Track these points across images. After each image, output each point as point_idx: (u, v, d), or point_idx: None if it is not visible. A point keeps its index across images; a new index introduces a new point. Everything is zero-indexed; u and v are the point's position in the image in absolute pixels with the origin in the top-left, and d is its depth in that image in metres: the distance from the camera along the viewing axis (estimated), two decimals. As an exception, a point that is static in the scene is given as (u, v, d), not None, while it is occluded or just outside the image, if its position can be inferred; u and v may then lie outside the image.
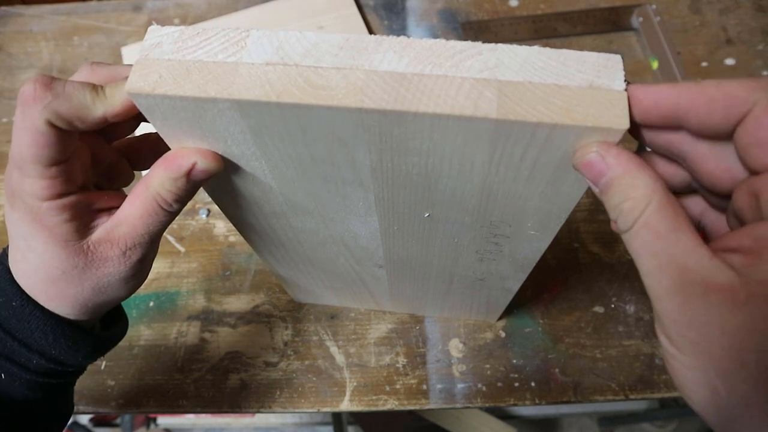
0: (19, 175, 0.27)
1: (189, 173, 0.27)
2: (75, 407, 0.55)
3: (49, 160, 0.26)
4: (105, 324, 0.37)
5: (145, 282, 0.60)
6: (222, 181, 0.32)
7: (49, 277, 0.29)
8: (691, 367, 0.22)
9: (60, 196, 0.28)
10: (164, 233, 0.62)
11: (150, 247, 0.30)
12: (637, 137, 0.25)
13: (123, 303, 0.61)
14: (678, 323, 0.22)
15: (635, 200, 0.22)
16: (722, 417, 0.22)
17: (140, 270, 0.31)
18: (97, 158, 0.31)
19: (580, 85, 0.23)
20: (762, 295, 0.20)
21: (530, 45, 0.24)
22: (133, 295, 0.58)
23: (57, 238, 0.28)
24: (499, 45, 0.24)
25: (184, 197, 0.28)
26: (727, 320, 0.20)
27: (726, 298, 0.20)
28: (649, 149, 0.26)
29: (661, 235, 0.21)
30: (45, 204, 0.27)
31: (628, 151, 0.23)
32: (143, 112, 0.25)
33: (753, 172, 0.23)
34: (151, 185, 0.28)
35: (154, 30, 0.25)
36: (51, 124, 0.26)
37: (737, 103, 0.22)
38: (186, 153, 0.27)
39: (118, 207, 0.30)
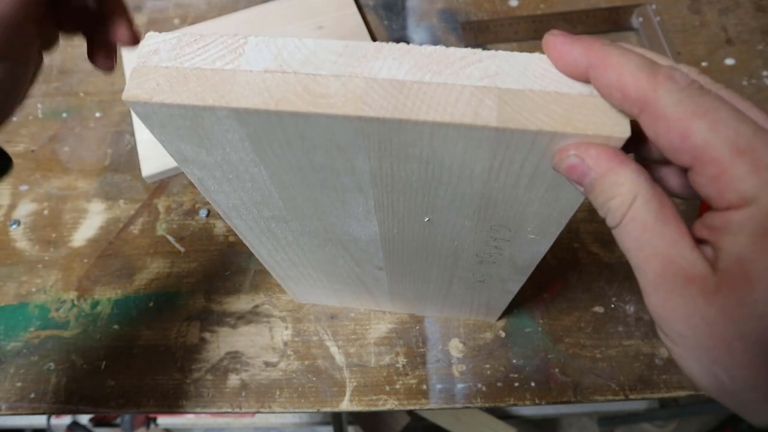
0: None
1: None
2: (75, 407, 0.55)
3: None
4: None
5: (145, 282, 0.61)
6: (220, 186, 0.32)
7: None
8: (688, 357, 0.22)
9: None
10: (165, 233, 0.62)
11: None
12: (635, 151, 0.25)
13: (123, 302, 0.60)
14: (665, 318, 0.22)
15: (621, 197, 0.22)
16: (734, 401, 0.22)
17: None
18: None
19: (581, 93, 0.22)
20: (727, 283, 0.20)
21: (530, 45, 0.24)
22: (133, 294, 0.59)
23: None
24: (500, 52, 0.23)
25: None
26: (705, 311, 0.20)
27: (701, 288, 0.20)
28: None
29: (647, 227, 0.21)
30: None
31: (608, 146, 0.22)
32: (141, 120, 0.25)
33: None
34: None
35: (151, 36, 0.25)
36: None
37: (640, 99, 0.21)
38: None
39: None
